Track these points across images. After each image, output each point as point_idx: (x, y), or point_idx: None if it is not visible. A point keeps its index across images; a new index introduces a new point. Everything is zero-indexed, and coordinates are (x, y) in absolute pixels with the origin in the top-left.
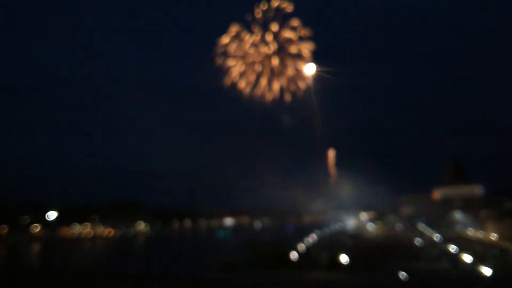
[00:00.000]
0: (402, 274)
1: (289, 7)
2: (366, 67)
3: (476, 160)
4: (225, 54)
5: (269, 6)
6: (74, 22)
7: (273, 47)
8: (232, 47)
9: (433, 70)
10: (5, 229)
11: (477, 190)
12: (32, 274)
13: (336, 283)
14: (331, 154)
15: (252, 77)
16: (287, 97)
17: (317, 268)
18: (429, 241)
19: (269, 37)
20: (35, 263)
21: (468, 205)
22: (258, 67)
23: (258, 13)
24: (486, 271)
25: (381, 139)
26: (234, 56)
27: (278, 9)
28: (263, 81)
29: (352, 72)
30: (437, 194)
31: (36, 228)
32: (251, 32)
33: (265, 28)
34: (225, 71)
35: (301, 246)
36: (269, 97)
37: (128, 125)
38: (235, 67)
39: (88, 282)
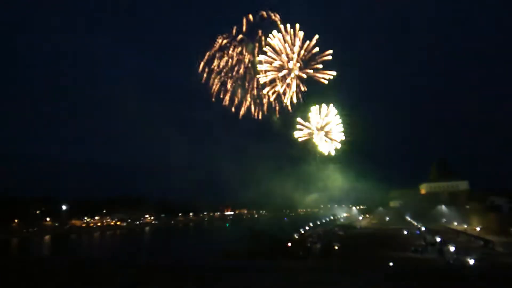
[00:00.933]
0: (391, 263)
1: (276, 17)
2: (356, 66)
3: (463, 157)
4: (210, 68)
5: (256, 18)
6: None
7: (259, 58)
8: (217, 61)
9: (424, 70)
10: (16, 222)
11: (463, 185)
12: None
13: (329, 271)
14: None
15: (237, 92)
16: (276, 105)
17: (311, 256)
18: (416, 233)
19: (256, 48)
20: (44, 255)
21: (453, 199)
22: (244, 80)
23: (245, 25)
24: (470, 261)
25: (371, 136)
26: (219, 70)
27: (266, 20)
28: (248, 96)
29: (342, 72)
30: (424, 189)
31: (47, 221)
32: (237, 43)
33: (252, 39)
34: (210, 85)
35: (297, 236)
36: (257, 110)
37: (136, 123)
38: (219, 81)
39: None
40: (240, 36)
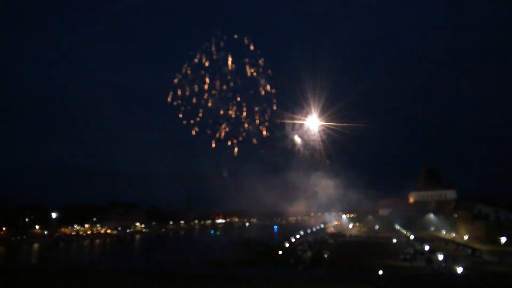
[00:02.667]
0: (380, 271)
1: (248, 41)
2: (345, 76)
3: (451, 166)
4: (177, 95)
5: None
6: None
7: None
8: (186, 88)
9: (411, 80)
10: (4, 230)
11: (450, 194)
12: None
13: (319, 280)
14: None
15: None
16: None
17: (301, 265)
18: (405, 241)
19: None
20: (32, 263)
21: (441, 208)
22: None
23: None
24: (458, 269)
25: (361, 146)
26: (188, 97)
27: (236, 44)
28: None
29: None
30: (412, 197)
31: (36, 229)
32: (205, 71)
33: (222, 62)
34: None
35: (287, 244)
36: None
37: (126, 130)
38: (188, 109)
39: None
40: (207, 62)
